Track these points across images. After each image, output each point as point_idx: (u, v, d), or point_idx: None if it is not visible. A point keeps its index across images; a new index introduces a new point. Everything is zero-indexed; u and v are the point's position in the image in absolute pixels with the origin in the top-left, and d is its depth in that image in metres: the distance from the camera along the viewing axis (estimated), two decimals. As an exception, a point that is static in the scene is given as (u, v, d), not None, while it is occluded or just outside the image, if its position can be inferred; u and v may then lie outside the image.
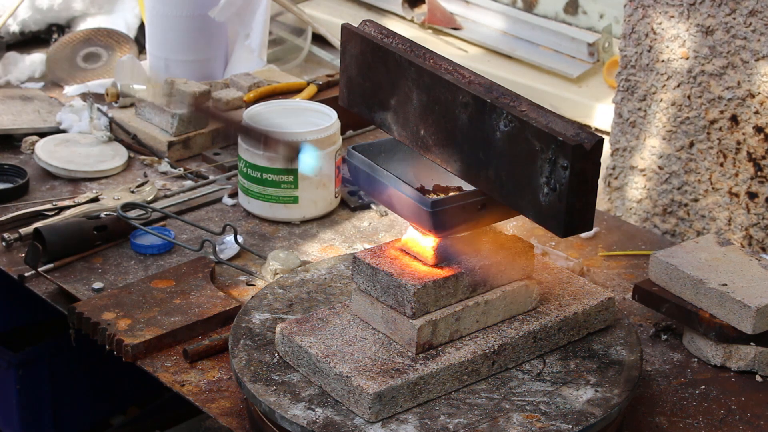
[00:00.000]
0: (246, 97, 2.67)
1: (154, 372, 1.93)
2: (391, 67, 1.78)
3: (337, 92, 2.41)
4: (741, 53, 2.32)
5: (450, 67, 1.74)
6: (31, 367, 2.83)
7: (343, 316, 1.83)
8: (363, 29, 1.86)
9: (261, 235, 2.35)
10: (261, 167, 2.34)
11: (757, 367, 1.97)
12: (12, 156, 2.62)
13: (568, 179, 1.55)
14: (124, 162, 2.57)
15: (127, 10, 3.19)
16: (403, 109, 1.79)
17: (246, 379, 1.76)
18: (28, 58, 3.02)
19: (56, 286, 2.17)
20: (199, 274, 2.14)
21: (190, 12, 2.84)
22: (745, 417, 1.88)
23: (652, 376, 1.97)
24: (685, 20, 2.39)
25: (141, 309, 2.04)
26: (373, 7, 3.41)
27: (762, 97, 2.32)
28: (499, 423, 1.68)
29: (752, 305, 1.91)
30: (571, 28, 3.07)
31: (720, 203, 2.44)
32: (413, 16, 3.28)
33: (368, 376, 1.69)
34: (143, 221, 2.32)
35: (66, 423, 2.93)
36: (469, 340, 1.77)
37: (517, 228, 2.39)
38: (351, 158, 1.80)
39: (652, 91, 2.49)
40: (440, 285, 1.73)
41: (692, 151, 2.46)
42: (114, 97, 2.74)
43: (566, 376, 1.79)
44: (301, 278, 2.03)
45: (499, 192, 1.67)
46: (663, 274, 2.03)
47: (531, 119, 1.60)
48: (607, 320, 1.90)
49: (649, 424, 1.86)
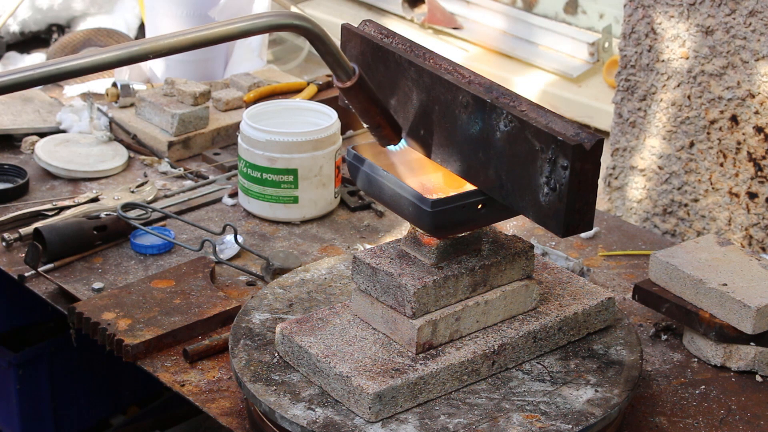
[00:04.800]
0: (246, 97, 2.67)
1: (154, 372, 1.93)
2: (391, 67, 1.78)
3: (337, 92, 2.41)
4: (741, 53, 2.32)
5: (450, 67, 1.74)
6: (31, 367, 2.83)
7: (343, 316, 1.83)
8: (363, 29, 1.86)
9: (261, 235, 2.35)
10: (261, 167, 2.34)
11: (757, 367, 1.97)
12: (12, 156, 2.62)
13: (568, 179, 1.55)
14: (124, 162, 2.57)
15: (127, 10, 3.20)
16: (403, 109, 1.79)
17: (246, 379, 1.76)
18: (28, 58, 3.02)
19: (56, 286, 2.17)
20: (199, 274, 2.14)
21: (190, 12, 2.85)
22: (745, 417, 1.88)
23: (652, 376, 1.97)
24: (685, 20, 2.39)
25: (141, 309, 2.04)
26: (373, 7, 3.42)
27: (762, 97, 2.32)
28: (499, 423, 1.68)
29: (752, 305, 1.91)
30: (571, 28, 3.08)
31: (720, 203, 2.44)
32: (413, 16, 3.28)
33: (368, 376, 1.69)
34: (143, 221, 2.32)
35: (66, 423, 2.93)
36: (469, 340, 1.77)
37: (517, 228, 2.39)
38: (351, 158, 1.80)
39: (652, 91, 2.49)
40: (440, 285, 1.73)
41: (692, 151, 2.46)
42: (114, 97, 2.74)
43: (566, 376, 1.79)
44: (301, 278, 2.03)
45: (499, 192, 1.67)
46: (663, 274, 2.03)
47: (531, 119, 1.60)
48: (607, 320, 1.90)
49: (649, 424, 1.86)
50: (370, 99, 1.73)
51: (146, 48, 1.49)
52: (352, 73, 1.68)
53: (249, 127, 2.35)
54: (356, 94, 1.70)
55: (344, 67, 1.68)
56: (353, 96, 1.71)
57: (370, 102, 1.73)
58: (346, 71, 1.68)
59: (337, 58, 1.66)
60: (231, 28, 1.56)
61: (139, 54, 1.50)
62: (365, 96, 1.72)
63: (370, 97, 1.73)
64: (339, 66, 1.67)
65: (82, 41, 3.03)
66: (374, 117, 1.75)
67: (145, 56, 1.50)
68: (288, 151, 2.33)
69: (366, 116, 1.75)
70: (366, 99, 1.72)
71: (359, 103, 1.73)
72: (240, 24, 1.56)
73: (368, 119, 1.76)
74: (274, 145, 2.32)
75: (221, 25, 1.55)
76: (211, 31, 1.54)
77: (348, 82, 1.69)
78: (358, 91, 1.70)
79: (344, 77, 1.69)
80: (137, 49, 1.49)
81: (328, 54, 1.65)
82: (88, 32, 3.07)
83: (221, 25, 1.55)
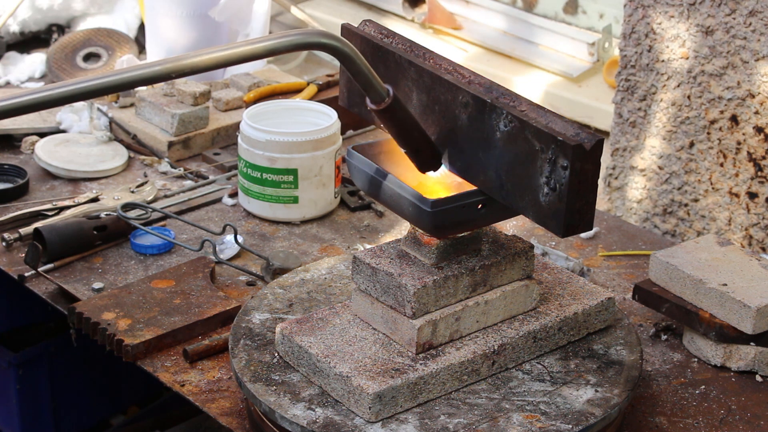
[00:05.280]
0: (246, 97, 2.67)
1: (154, 372, 1.93)
2: (391, 67, 1.78)
3: (337, 92, 2.41)
4: (741, 53, 2.32)
5: (450, 67, 1.74)
6: (31, 367, 2.83)
7: (343, 316, 1.83)
8: (363, 29, 1.86)
9: (261, 235, 2.35)
10: (261, 167, 2.34)
11: (757, 367, 1.97)
12: (12, 156, 2.62)
13: (568, 179, 1.55)
14: (124, 162, 2.57)
15: (127, 10, 3.19)
16: (403, 109, 1.78)
17: (246, 379, 1.76)
18: (28, 58, 3.02)
19: (56, 286, 2.17)
20: (199, 274, 2.14)
21: (190, 12, 2.85)
22: (745, 417, 1.88)
23: (652, 376, 1.97)
24: (685, 20, 2.39)
25: (141, 309, 2.04)
26: (373, 7, 3.41)
27: (762, 97, 2.32)
28: (499, 423, 1.68)
29: (752, 305, 1.91)
30: (571, 28, 3.07)
31: (720, 203, 2.44)
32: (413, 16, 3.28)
33: (368, 376, 1.69)
34: (143, 221, 2.32)
35: (66, 423, 2.94)
36: (469, 340, 1.77)
37: (517, 228, 2.39)
38: (351, 158, 1.80)
39: (652, 91, 2.49)
40: (440, 285, 1.73)
41: (692, 151, 2.46)
42: (114, 97, 2.74)
43: (566, 376, 1.79)
44: (301, 278, 2.03)
45: (499, 192, 1.66)
46: (663, 274, 2.03)
47: (531, 119, 1.60)
48: (607, 320, 1.90)
49: (649, 424, 1.86)
50: (405, 121, 1.63)
51: (169, 68, 1.44)
52: (386, 95, 1.59)
53: (249, 127, 2.35)
54: (391, 116, 1.61)
55: (377, 88, 1.58)
56: (387, 118, 1.61)
57: (406, 125, 1.63)
58: (379, 92, 1.58)
59: (369, 79, 1.56)
60: (257, 47, 1.49)
61: (162, 74, 1.44)
62: (400, 119, 1.62)
63: (406, 119, 1.63)
64: (371, 87, 1.57)
65: (82, 41, 3.03)
66: (411, 141, 1.65)
67: (167, 76, 1.45)
68: (288, 151, 2.33)
69: (402, 140, 1.66)
70: (401, 122, 1.62)
71: (394, 126, 1.63)
72: (266, 43, 1.50)
73: (404, 143, 1.66)
74: (274, 145, 2.32)
75: (247, 44, 1.49)
76: (237, 51, 1.48)
77: (382, 104, 1.59)
78: (394, 113, 1.60)
79: (377, 98, 1.59)
80: (159, 69, 1.44)
81: (359, 74, 1.56)
82: (88, 32, 3.06)
83: (247, 44, 1.49)
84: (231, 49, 1.48)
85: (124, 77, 1.44)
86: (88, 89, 1.42)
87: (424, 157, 1.71)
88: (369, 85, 1.58)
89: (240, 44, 1.49)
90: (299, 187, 2.35)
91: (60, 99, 1.41)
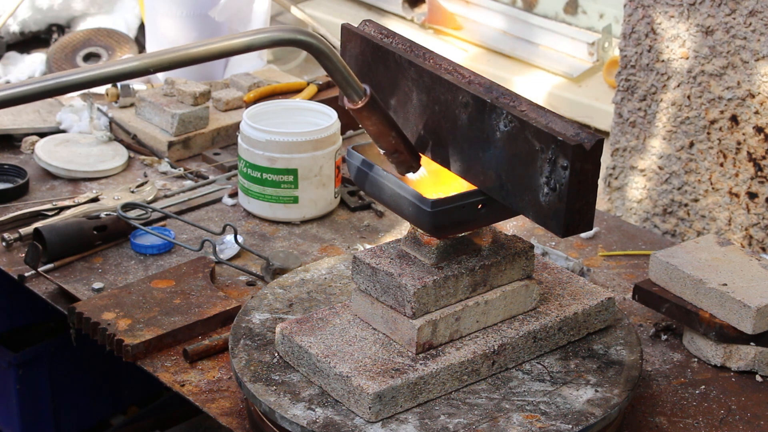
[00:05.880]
0: (246, 97, 2.67)
1: (154, 372, 1.93)
2: (391, 67, 1.78)
3: (337, 92, 2.41)
4: (741, 53, 2.32)
5: (450, 67, 1.74)
6: (31, 367, 2.83)
7: (343, 316, 1.83)
8: (363, 29, 1.86)
9: (261, 235, 2.35)
10: (261, 167, 2.34)
11: (757, 367, 1.97)
12: (12, 156, 2.62)
13: (568, 179, 1.55)
14: (124, 162, 2.57)
15: (127, 10, 3.20)
16: (403, 109, 1.79)
17: (246, 379, 1.76)
18: (28, 58, 3.02)
19: (56, 286, 2.17)
20: (199, 274, 2.14)
21: (190, 12, 2.85)
22: (745, 417, 1.88)
23: (652, 376, 1.97)
24: (685, 20, 2.39)
25: (141, 309, 2.04)
26: (373, 7, 3.42)
27: (762, 97, 2.32)
28: (499, 423, 1.68)
29: (752, 305, 1.91)
30: (571, 28, 3.08)
31: (720, 203, 2.44)
32: (413, 16, 3.28)
33: (368, 376, 1.69)
34: (143, 221, 2.32)
35: (66, 423, 2.93)
36: (469, 340, 1.77)
37: (517, 228, 2.39)
38: (351, 158, 1.80)
39: (652, 91, 2.49)
40: (440, 285, 1.73)
41: (692, 151, 2.46)
42: (114, 97, 2.74)
43: (566, 376, 1.79)
44: (301, 278, 2.03)
45: (499, 192, 1.66)
46: (663, 274, 2.03)
47: (531, 119, 1.60)
48: (607, 320, 1.90)
49: (649, 424, 1.86)
50: (383, 121, 1.63)
51: (147, 63, 1.46)
52: (363, 93, 1.59)
53: (249, 127, 2.35)
54: (368, 115, 1.61)
55: (354, 87, 1.58)
56: (365, 117, 1.61)
57: (383, 124, 1.63)
58: (357, 91, 1.58)
59: (346, 77, 1.57)
60: (233, 43, 1.51)
61: (140, 69, 1.46)
62: (378, 118, 1.62)
63: (383, 118, 1.63)
64: (348, 85, 1.58)
65: (82, 41, 3.03)
66: (389, 141, 1.66)
67: (146, 71, 1.47)
68: (288, 151, 2.33)
69: (380, 140, 1.66)
70: (379, 121, 1.62)
71: (372, 125, 1.63)
72: (243, 39, 1.51)
73: (383, 143, 1.67)
74: (274, 145, 2.32)
75: (223, 39, 1.51)
76: (214, 46, 1.49)
77: (359, 102, 1.59)
78: (370, 112, 1.60)
79: (355, 97, 1.59)
80: (138, 63, 1.46)
81: (336, 72, 1.56)
82: (88, 32, 3.07)
83: (223, 40, 1.51)
84: (208, 45, 1.50)
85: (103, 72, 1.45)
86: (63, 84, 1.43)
87: (402, 158, 1.71)
88: (345, 83, 1.58)
89: (217, 40, 1.51)
90: (299, 187, 2.35)
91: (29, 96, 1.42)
